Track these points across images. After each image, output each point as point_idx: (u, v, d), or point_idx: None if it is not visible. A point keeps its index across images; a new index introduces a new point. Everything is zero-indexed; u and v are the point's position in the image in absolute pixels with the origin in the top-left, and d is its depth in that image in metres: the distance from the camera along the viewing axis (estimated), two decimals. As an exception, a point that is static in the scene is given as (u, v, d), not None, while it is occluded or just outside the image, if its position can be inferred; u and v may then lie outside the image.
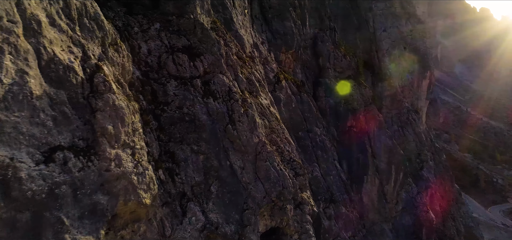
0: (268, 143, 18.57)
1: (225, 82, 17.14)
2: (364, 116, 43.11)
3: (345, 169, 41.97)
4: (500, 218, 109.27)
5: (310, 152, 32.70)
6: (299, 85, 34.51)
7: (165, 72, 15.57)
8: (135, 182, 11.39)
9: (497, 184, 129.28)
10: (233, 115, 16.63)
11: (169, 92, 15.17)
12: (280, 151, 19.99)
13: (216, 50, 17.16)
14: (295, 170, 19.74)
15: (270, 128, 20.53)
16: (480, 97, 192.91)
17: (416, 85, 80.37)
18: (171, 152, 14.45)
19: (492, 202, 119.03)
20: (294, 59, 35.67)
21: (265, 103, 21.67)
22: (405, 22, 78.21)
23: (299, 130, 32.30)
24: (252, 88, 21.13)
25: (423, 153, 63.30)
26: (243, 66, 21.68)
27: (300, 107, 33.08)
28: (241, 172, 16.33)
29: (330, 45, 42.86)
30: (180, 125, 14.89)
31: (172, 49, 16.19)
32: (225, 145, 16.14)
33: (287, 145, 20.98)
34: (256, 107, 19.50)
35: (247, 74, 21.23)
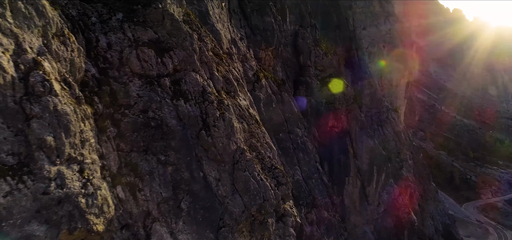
0: (247, 150, 16.48)
1: (198, 81, 14.94)
2: (345, 116, 41.57)
3: (326, 170, 40.34)
4: (475, 214, 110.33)
5: (291, 155, 30.81)
6: (280, 83, 32.56)
7: (128, 70, 13.26)
8: (83, 205, 9.12)
9: (470, 181, 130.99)
10: (207, 119, 14.46)
11: (132, 93, 12.88)
12: (260, 158, 17.93)
13: (188, 45, 14.94)
14: (277, 178, 17.72)
15: (250, 132, 18.44)
16: (453, 96, 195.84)
17: (394, 83, 79.95)
18: (134, 164, 12.19)
19: (466, 199, 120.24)
20: (274, 57, 33.69)
21: (244, 104, 19.58)
22: (384, 21, 77.56)
23: (280, 132, 30.37)
24: (230, 87, 19.00)
25: (403, 152, 62.40)
26: (220, 63, 19.51)
27: (281, 107, 31.14)
28: (216, 184, 14.20)
29: (311, 42, 41.09)
30: (144, 132, 12.64)
31: (136, 43, 13.88)
32: (198, 153, 13.97)
33: (268, 151, 18.95)
34: (234, 109, 17.37)
35: (224, 72, 19.08)
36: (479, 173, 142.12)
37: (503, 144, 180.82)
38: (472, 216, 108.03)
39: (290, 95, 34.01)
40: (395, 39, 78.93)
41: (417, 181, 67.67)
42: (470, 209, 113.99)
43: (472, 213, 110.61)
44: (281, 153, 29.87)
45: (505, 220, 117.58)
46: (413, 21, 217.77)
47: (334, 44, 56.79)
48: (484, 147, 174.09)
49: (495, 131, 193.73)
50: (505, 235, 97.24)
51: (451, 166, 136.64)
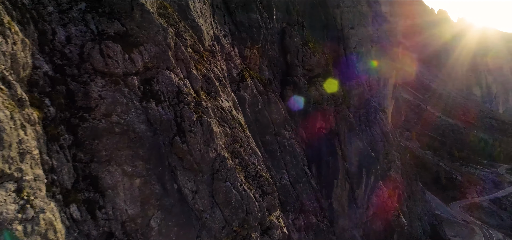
0: (229, 157, 14.78)
1: (173, 80, 13.18)
2: (334, 116, 40.17)
3: (314, 173, 38.86)
4: (461, 214, 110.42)
5: (278, 158, 29.20)
6: (266, 83, 30.91)
7: (89, 67, 11.43)
8: (20, 233, 7.31)
9: (456, 181, 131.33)
10: (182, 124, 12.71)
11: (93, 93, 11.06)
12: (244, 165, 16.25)
13: (161, 39, 13.17)
14: (262, 187, 16.06)
15: (232, 137, 16.74)
16: (439, 96, 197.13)
17: (382, 84, 79.08)
18: (94, 177, 10.39)
19: (452, 198, 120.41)
20: (260, 55, 32.03)
21: (226, 106, 17.86)
22: (372, 21, 76.54)
23: (266, 134, 28.73)
24: (211, 87, 17.26)
25: (391, 153, 61.39)
26: (200, 61, 17.76)
27: (267, 108, 29.50)
28: (193, 197, 12.47)
29: (298, 40, 39.53)
30: (107, 139, 10.84)
31: (100, 37, 12.06)
32: (172, 163, 12.22)
33: (252, 157, 17.27)
34: (214, 112, 15.66)
35: (205, 71, 17.34)
36: (464, 173, 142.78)
37: (487, 144, 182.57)
38: (458, 215, 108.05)
39: (277, 96, 32.40)
40: (383, 39, 78.03)
41: (405, 182, 66.83)
42: (456, 209, 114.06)
43: (458, 213, 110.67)
44: (268, 156, 28.25)
45: (490, 219, 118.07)
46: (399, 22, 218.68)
47: (322, 43, 55.45)
48: (469, 146, 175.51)
49: (479, 131, 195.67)
50: (490, 235, 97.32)
51: (437, 166, 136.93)
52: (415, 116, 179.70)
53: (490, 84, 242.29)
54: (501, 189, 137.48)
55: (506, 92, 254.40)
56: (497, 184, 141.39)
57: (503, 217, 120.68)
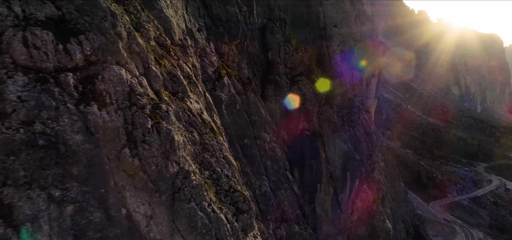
0: (195, 170, 12.29)
1: (123, 79, 10.59)
2: (317, 117, 38.05)
3: (297, 177, 36.68)
4: (442, 213, 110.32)
5: (258, 163, 26.82)
6: (245, 82, 28.46)
7: (8, 60, 8.77)
8: None
9: (437, 180, 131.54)
10: (134, 132, 10.15)
11: (10, 95, 8.40)
12: (215, 178, 13.78)
13: (109, 27, 10.56)
14: (236, 204, 13.62)
15: (202, 145, 14.24)
16: (419, 95, 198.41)
17: (365, 83, 77.60)
18: (6, 206, 7.77)
19: (433, 198, 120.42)
20: (239, 52, 29.57)
21: (196, 108, 15.35)
22: (355, 19, 74.96)
23: (245, 137, 26.31)
24: (177, 87, 14.71)
25: (375, 154, 59.66)
26: (165, 56, 15.18)
27: (246, 109, 27.08)
28: (147, 223, 9.94)
29: (280, 37, 37.23)
30: (28, 155, 8.21)
31: (26, 22, 9.40)
32: (119, 181, 9.65)
33: (226, 168, 14.81)
34: (179, 116, 13.13)
35: (170, 68, 14.77)
36: (445, 172, 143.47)
37: (466, 143, 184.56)
38: (439, 215, 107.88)
39: (257, 95, 30.00)
40: (366, 38, 76.57)
41: (388, 184, 65.42)
42: (437, 208, 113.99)
43: (439, 212, 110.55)
44: (247, 162, 25.84)
45: (470, 218, 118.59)
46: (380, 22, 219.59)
47: (305, 41, 53.46)
48: (448, 145, 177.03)
49: (458, 130, 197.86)
50: (471, 234, 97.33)
51: (418, 165, 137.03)
52: (396, 115, 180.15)
53: (468, 83, 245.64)
54: (480, 187, 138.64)
55: (484, 92, 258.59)
56: (477, 183, 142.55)
57: (483, 216, 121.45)
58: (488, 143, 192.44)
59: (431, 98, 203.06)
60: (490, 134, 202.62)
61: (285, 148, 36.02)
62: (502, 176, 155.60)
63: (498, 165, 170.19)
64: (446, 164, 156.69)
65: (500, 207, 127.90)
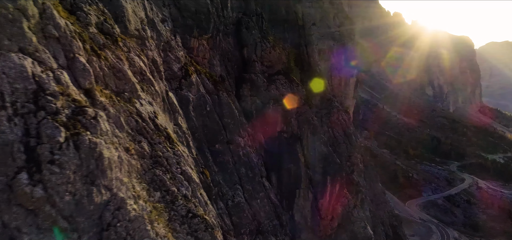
0: (139, 194, 9.22)
1: (27, 72, 7.41)
2: (296, 119, 35.32)
3: (274, 182, 33.85)
4: (418, 212, 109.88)
5: (231, 171, 23.82)
6: (217, 81, 25.36)
7: None
8: None
9: (412, 179, 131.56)
10: (38, 149, 7.01)
11: None
12: (169, 201, 10.72)
13: None
14: (196, 234, 10.59)
15: (153, 158, 11.14)
16: (395, 96, 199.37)
17: (344, 83, 75.58)
18: None
19: (409, 197, 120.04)
20: (210, 48, 26.45)
21: (147, 111, 12.23)
22: (333, 18, 72.81)
23: (216, 142, 23.25)
24: (123, 85, 11.57)
25: (354, 155, 57.52)
26: (108, 46, 12.00)
27: (218, 111, 24.02)
28: (56, 279, 6.85)
29: (257, 33, 34.32)
30: None
31: None
32: (11, 222, 6.51)
33: (184, 186, 11.72)
34: (119, 123, 10.02)
35: (114, 61, 11.61)
36: (420, 171, 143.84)
37: (439, 142, 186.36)
38: (415, 214, 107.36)
39: (230, 95, 26.94)
40: (344, 37, 74.52)
41: (367, 185, 63.53)
42: (413, 207, 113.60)
43: (415, 211, 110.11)
44: (218, 169, 22.79)
45: (445, 216, 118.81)
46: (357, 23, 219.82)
47: (283, 39, 50.83)
48: (423, 145, 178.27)
49: (432, 130, 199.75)
50: (447, 233, 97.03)
51: (394, 165, 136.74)
52: (372, 115, 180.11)
53: (441, 84, 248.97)
54: (454, 186, 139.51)
55: (456, 92, 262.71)
56: (450, 182, 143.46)
57: (457, 214, 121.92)
58: (461, 142, 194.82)
59: (406, 98, 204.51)
60: (462, 134, 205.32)
61: (262, 152, 33.14)
62: (474, 175, 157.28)
63: (470, 164, 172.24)
64: (421, 163, 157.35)
65: (473, 205, 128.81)
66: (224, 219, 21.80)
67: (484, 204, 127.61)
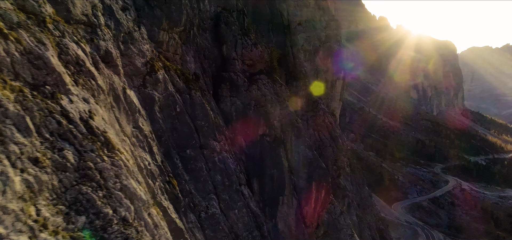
0: (38, 225, 6.44)
1: None
2: (279, 121, 32.66)
3: (256, 189, 31.15)
4: (404, 215, 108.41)
5: (205, 179, 21.01)
6: (190, 79, 22.50)
7: None
8: None
9: (398, 181, 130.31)
10: None
11: None
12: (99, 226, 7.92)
13: None
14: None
15: (79, 172, 8.34)
16: (381, 99, 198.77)
17: (330, 85, 73.39)
18: None
19: (395, 199, 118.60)
20: (183, 42, 23.62)
21: (78, 109, 9.38)
22: (319, 19, 70.62)
23: (188, 147, 20.43)
24: (44, 76, 8.75)
25: (340, 159, 55.22)
26: (25, 27, 9.17)
27: (190, 112, 21.23)
28: None
29: (237, 29, 31.61)
30: None
31: None
32: None
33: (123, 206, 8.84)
34: (23, 126, 7.23)
35: (31, 45, 8.80)
36: (405, 173, 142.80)
37: (424, 145, 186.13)
38: (401, 217, 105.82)
39: (206, 95, 24.15)
40: (330, 39, 72.41)
41: (354, 189, 61.28)
42: (399, 210, 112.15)
43: (401, 214, 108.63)
44: (189, 178, 19.95)
45: (430, 218, 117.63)
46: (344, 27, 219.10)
47: (268, 38, 48.35)
48: (408, 147, 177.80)
49: (416, 132, 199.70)
50: (432, 236, 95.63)
51: (380, 167, 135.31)
52: (359, 118, 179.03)
53: (425, 88, 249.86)
54: (438, 188, 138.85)
55: (439, 96, 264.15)
56: (435, 183, 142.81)
57: (441, 216, 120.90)
58: (444, 145, 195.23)
59: (392, 102, 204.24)
60: (445, 136, 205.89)
61: (243, 157, 30.41)
62: (457, 177, 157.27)
63: (454, 166, 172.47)
64: (406, 166, 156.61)
65: (457, 207, 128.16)
66: (195, 233, 19.00)
67: (467, 205, 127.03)
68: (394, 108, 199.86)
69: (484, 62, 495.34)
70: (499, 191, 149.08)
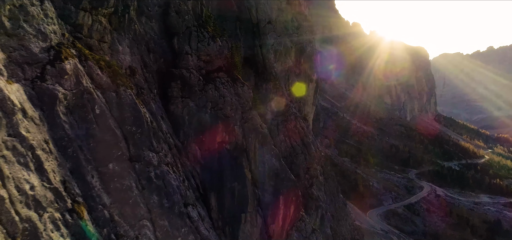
0: None
1: None
2: (241, 126, 28.35)
3: (214, 206, 26.71)
4: (379, 223, 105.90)
5: (135, 201, 16.35)
6: (120, 73, 17.87)
7: None
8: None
9: (373, 188, 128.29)
10: None
11: None
12: None
13: None
14: None
15: None
16: (355, 105, 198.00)
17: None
18: None
19: (370, 206, 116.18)
20: (114, 28, 18.96)
21: None
22: (291, 19, 66.95)
23: (111, 160, 15.77)
24: None
25: (313, 167, 51.39)
26: None
27: (117, 114, 16.61)
28: None
29: (191, 19, 27.18)
30: None
31: None
32: None
33: None
34: None
35: None
36: (380, 179, 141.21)
37: (398, 150, 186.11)
38: (376, 225, 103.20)
39: (143, 94, 19.57)
40: (303, 40, 68.85)
41: (328, 200, 57.57)
42: (374, 217, 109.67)
43: (376, 221, 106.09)
44: (112, 200, 15.31)
45: (405, 225, 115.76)
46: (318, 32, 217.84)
47: (234, 37, 44.18)
48: (382, 152, 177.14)
49: (390, 138, 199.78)
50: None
51: (355, 173, 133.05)
52: (333, 123, 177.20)
53: (399, 93, 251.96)
54: (413, 194, 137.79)
55: (412, 101, 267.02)
56: (410, 190, 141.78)
57: (417, 223, 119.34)
58: (418, 150, 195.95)
59: (366, 107, 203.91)
60: (419, 141, 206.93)
61: (197, 169, 25.91)
62: (432, 182, 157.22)
63: (428, 171, 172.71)
64: (381, 171, 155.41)
65: (432, 213, 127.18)
66: (117, 276, 14.37)
67: (443, 212, 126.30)
68: (368, 113, 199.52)
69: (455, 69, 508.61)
70: (473, 197, 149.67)
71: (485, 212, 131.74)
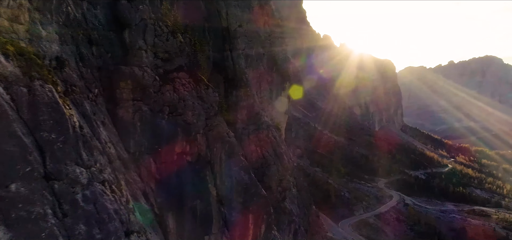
0: None
1: None
2: (204, 136, 24.15)
3: (172, 228, 22.39)
4: (351, 233, 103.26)
5: (51, 234, 11.91)
6: (37, 64, 13.40)
7: None
8: None
9: (344, 198, 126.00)
10: None
11: None
12: None
13: None
14: None
15: None
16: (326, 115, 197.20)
17: (274, 96, 66.27)
18: None
19: (342, 217, 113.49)
20: (36, 8, 14.48)
21: None
22: (263, 24, 63.50)
23: (13, 179, 11.28)
24: None
25: (286, 179, 47.67)
26: None
27: (28, 117, 12.10)
28: None
29: (147, 10, 22.93)
30: None
31: None
32: None
33: None
34: None
35: None
36: (351, 189, 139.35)
37: (367, 159, 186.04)
38: (349, 236, 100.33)
39: (73, 93, 15.13)
40: (275, 46, 65.54)
41: (301, 213, 54.01)
42: (346, 228, 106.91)
43: (348, 232, 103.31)
44: (12, 236, 10.85)
45: (376, 235, 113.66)
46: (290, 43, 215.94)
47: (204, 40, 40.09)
48: (352, 162, 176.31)
49: (360, 148, 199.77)
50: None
51: (327, 184, 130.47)
52: (304, 133, 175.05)
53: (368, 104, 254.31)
54: (383, 203, 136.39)
55: (380, 112, 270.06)
56: (380, 199, 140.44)
57: (387, 233, 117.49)
58: (386, 160, 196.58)
59: (337, 117, 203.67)
60: (387, 151, 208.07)
61: (151, 185, 21.49)
62: (400, 191, 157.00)
63: (396, 180, 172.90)
64: (352, 181, 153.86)
65: (402, 222, 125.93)
66: None
67: (412, 221, 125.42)
68: (338, 123, 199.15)
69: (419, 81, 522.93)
70: (439, 205, 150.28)
71: (451, 220, 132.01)
